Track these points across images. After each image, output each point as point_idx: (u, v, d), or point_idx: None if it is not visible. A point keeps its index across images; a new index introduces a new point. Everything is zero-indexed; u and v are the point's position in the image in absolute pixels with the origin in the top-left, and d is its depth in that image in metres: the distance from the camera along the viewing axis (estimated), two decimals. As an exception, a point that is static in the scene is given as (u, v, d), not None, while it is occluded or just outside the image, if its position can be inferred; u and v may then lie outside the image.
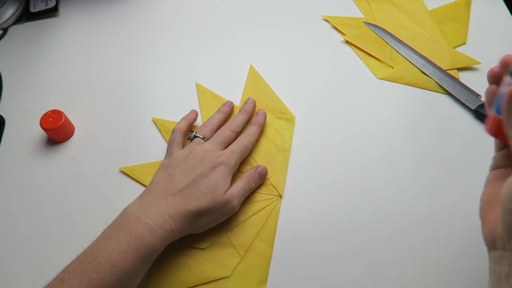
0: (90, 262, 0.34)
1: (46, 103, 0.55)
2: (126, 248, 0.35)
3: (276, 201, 0.46)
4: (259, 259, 0.42)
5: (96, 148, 0.51)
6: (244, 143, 0.46)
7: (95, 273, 0.33)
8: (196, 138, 0.47)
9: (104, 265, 0.34)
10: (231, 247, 0.43)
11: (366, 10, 0.61)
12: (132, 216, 0.38)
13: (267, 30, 0.60)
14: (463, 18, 0.58)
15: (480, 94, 0.50)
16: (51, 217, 0.46)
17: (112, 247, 0.35)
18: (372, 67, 0.55)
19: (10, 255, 0.44)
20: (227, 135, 0.47)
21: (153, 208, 0.38)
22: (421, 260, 0.41)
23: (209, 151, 0.44)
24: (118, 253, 0.34)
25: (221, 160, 0.43)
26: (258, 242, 0.43)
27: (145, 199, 0.40)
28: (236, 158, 0.44)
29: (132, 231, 0.36)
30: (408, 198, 0.45)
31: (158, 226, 0.37)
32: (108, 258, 0.34)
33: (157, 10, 0.65)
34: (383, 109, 0.51)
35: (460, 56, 0.55)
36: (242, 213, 0.44)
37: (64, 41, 0.62)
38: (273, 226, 0.44)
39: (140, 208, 0.39)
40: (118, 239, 0.36)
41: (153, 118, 0.52)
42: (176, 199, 0.40)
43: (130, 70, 0.58)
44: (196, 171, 0.42)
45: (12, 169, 0.50)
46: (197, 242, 0.43)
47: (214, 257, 0.42)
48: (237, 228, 0.44)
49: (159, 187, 0.41)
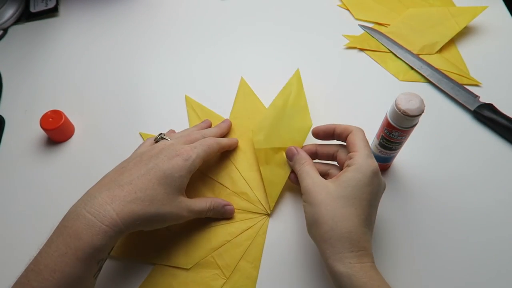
0: (33, 270, 0.33)
1: (46, 103, 0.55)
2: (65, 250, 0.33)
3: (264, 220, 0.44)
4: (245, 280, 0.41)
5: (96, 148, 0.51)
6: (210, 141, 0.43)
7: (35, 281, 0.32)
8: (163, 139, 0.44)
9: (44, 271, 0.32)
10: (216, 268, 0.41)
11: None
12: (72, 213, 0.35)
13: (260, 41, 0.60)
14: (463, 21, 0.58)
15: (478, 95, 0.50)
16: (51, 217, 0.46)
17: (52, 251, 0.33)
18: (393, 70, 0.55)
19: (10, 255, 0.44)
20: (193, 136, 0.44)
21: (95, 200, 0.35)
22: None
23: (168, 145, 0.41)
24: (57, 256, 0.32)
25: (179, 152, 0.40)
26: (244, 263, 0.42)
27: (88, 193, 0.37)
28: (197, 153, 0.41)
29: (71, 230, 0.33)
30: (409, 197, 0.45)
31: (99, 220, 0.34)
32: (48, 264, 0.32)
33: (156, 11, 0.65)
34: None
35: (463, 10, 0.57)
36: (228, 231, 0.43)
37: (64, 41, 0.62)
38: (260, 246, 0.42)
39: (82, 202, 0.35)
40: (58, 242, 0.33)
41: (140, 133, 0.52)
42: (124, 190, 0.36)
43: (129, 70, 0.58)
44: (150, 163, 0.39)
45: (12, 169, 0.50)
46: (182, 262, 0.42)
47: (199, 278, 0.41)
48: (223, 248, 0.42)
49: (106, 179, 0.38)
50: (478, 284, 0.40)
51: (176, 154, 0.40)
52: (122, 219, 0.35)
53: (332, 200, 0.35)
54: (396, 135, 0.39)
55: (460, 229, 0.43)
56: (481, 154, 0.47)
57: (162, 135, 0.44)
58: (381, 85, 0.54)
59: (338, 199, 0.35)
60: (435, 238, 0.42)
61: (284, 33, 0.61)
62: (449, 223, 0.43)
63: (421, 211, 0.44)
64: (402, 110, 0.36)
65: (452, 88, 0.52)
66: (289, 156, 0.43)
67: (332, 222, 0.34)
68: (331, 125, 0.42)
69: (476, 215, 0.43)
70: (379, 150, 0.43)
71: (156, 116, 0.53)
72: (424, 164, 0.47)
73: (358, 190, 0.35)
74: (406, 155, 0.46)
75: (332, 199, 0.35)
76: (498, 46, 0.56)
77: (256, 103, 0.53)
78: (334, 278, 0.34)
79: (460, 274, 0.40)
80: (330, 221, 0.34)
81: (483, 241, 0.42)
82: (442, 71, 0.53)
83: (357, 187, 0.36)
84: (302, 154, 0.42)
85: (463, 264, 0.41)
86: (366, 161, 0.37)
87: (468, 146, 0.48)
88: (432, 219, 0.43)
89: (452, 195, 0.45)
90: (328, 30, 0.60)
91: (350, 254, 0.33)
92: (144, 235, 0.43)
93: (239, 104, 0.53)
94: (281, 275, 0.41)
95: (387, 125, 0.39)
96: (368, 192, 0.36)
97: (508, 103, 0.49)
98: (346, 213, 0.35)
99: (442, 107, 0.51)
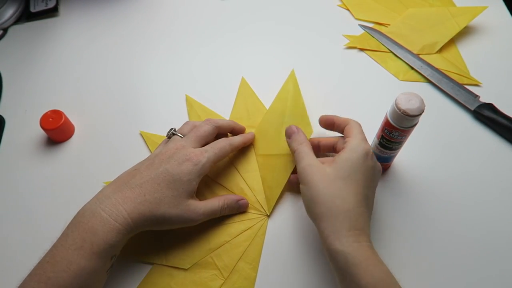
0: (48, 262, 0.34)
1: (46, 103, 0.55)
2: (81, 244, 0.34)
3: (263, 221, 0.44)
4: (243, 281, 0.41)
5: (96, 148, 0.51)
6: (221, 144, 0.43)
7: (52, 272, 0.33)
8: (174, 135, 0.44)
9: (61, 263, 0.34)
10: (215, 268, 0.41)
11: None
12: (88, 210, 0.37)
13: (261, 41, 0.60)
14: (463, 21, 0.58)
15: (478, 95, 0.50)
16: (52, 216, 0.46)
17: (68, 244, 0.35)
18: (393, 70, 0.55)
19: (10, 255, 0.44)
20: (204, 130, 0.44)
21: (109, 200, 0.37)
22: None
23: (180, 148, 0.41)
24: (74, 249, 0.34)
25: (189, 157, 0.40)
26: (242, 264, 0.42)
27: (102, 192, 0.39)
28: (207, 157, 0.41)
29: (87, 225, 0.36)
30: (409, 197, 0.45)
31: (112, 219, 0.36)
32: (64, 256, 0.34)
33: (156, 11, 0.65)
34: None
35: (463, 10, 0.57)
36: (227, 232, 0.43)
37: (64, 41, 0.62)
38: (258, 247, 0.42)
39: (97, 201, 0.38)
40: (74, 235, 0.35)
41: (141, 132, 0.52)
42: (134, 192, 0.38)
43: (129, 70, 0.58)
44: (161, 167, 0.40)
45: (12, 169, 0.50)
46: (180, 262, 0.42)
47: (197, 279, 0.41)
48: (222, 249, 0.42)
49: (119, 181, 0.40)
50: (478, 283, 0.40)
51: (186, 159, 0.40)
52: (132, 219, 0.37)
53: (329, 181, 0.36)
54: (396, 135, 0.39)
55: (460, 229, 0.43)
56: (481, 154, 0.47)
57: (173, 131, 0.45)
58: (381, 85, 0.54)
59: (334, 179, 0.36)
60: (435, 237, 0.42)
61: (284, 33, 0.61)
62: (449, 222, 0.43)
63: (421, 210, 0.44)
64: (402, 110, 0.36)
65: (452, 88, 0.52)
66: (288, 134, 0.43)
67: (330, 202, 0.35)
68: (331, 116, 0.43)
69: (476, 215, 0.43)
70: (379, 150, 0.43)
71: (156, 116, 0.53)
72: (424, 164, 0.47)
73: (352, 170, 0.37)
74: (406, 155, 0.46)
75: (329, 180, 0.37)
76: (498, 46, 0.56)
77: (257, 104, 0.53)
78: (331, 257, 0.35)
79: (460, 272, 0.40)
80: (328, 200, 0.36)
81: (484, 241, 0.42)
82: (442, 71, 0.53)
83: (352, 167, 0.37)
84: (301, 134, 0.42)
85: (464, 263, 0.41)
86: (359, 143, 0.38)
87: (468, 145, 0.48)
88: (432, 219, 0.43)
89: (452, 195, 0.45)
90: (328, 30, 0.60)
91: (348, 233, 0.34)
92: (143, 235, 0.43)
93: (239, 104, 0.53)
94: (279, 276, 0.41)
95: (387, 125, 0.39)
96: (362, 172, 0.37)
97: (508, 103, 0.49)
98: (343, 193, 0.36)
99: (442, 107, 0.51)
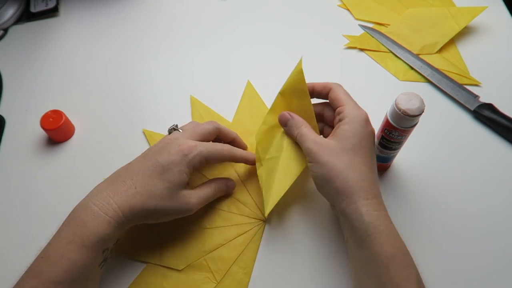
0: (42, 257, 0.35)
1: (46, 103, 0.55)
2: (72, 237, 0.35)
3: (260, 226, 0.43)
4: (236, 285, 0.40)
5: (96, 148, 0.51)
6: (219, 146, 0.42)
7: (45, 266, 0.34)
8: (175, 130, 0.43)
9: (53, 258, 0.34)
10: (208, 271, 0.41)
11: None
12: (80, 205, 0.37)
13: (260, 41, 0.60)
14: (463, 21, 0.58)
15: (478, 95, 0.50)
16: (52, 216, 0.46)
17: (61, 239, 0.35)
18: (393, 70, 0.55)
19: (10, 255, 0.44)
20: (204, 127, 0.43)
21: (100, 194, 0.37)
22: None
23: (173, 139, 0.41)
24: (65, 244, 0.35)
25: (181, 147, 0.40)
26: (236, 268, 0.41)
27: (96, 188, 0.39)
28: (200, 150, 0.40)
29: (78, 220, 0.36)
30: (408, 197, 0.45)
31: (103, 212, 0.36)
32: (56, 250, 0.34)
33: (157, 11, 0.65)
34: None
35: (463, 10, 0.57)
36: (222, 235, 0.43)
37: (64, 41, 0.62)
38: (253, 252, 0.42)
39: (89, 196, 0.38)
40: (66, 230, 0.36)
41: (143, 130, 0.52)
42: (125, 185, 0.38)
43: (130, 70, 0.58)
44: (152, 159, 0.39)
45: (12, 169, 0.50)
46: (174, 263, 0.42)
47: (190, 280, 0.41)
48: (216, 252, 0.42)
49: (113, 175, 0.40)
50: (478, 282, 0.40)
51: (178, 150, 0.40)
52: (123, 212, 0.37)
53: (338, 155, 0.37)
54: (396, 135, 0.39)
55: (460, 229, 0.43)
56: (481, 154, 0.48)
57: (174, 126, 0.44)
58: (381, 85, 0.54)
59: (342, 152, 0.37)
60: (435, 237, 0.42)
61: (283, 33, 0.61)
62: (449, 222, 0.43)
63: (421, 210, 0.44)
64: (402, 110, 0.36)
65: (452, 88, 0.52)
66: (283, 122, 0.43)
67: (343, 175, 0.36)
68: (310, 84, 0.42)
69: (476, 215, 0.44)
70: (379, 150, 0.43)
71: (157, 116, 0.53)
72: (424, 164, 0.47)
73: (357, 140, 0.37)
74: (406, 155, 0.46)
75: (337, 153, 0.37)
76: (498, 46, 0.56)
77: (261, 107, 0.52)
78: (350, 227, 0.35)
79: (460, 272, 0.40)
80: (341, 174, 0.36)
81: (483, 241, 0.42)
82: (442, 71, 0.53)
83: (357, 137, 0.37)
84: (296, 117, 0.42)
85: (463, 263, 0.41)
86: (356, 111, 0.39)
87: (468, 146, 0.48)
88: (432, 219, 0.43)
89: (452, 195, 0.45)
90: (328, 30, 0.60)
91: (366, 202, 0.35)
92: (137, 233, 0.43)
93: (243, 107, 0.53)
94: (273, 282, 0.41)
95: (387, 125, 0.39)
96: (366, 140, 0.38)
97: (508, 103, 0.49)
98: (354, 164, 0.36)
99: (442, 107, 0.51)
